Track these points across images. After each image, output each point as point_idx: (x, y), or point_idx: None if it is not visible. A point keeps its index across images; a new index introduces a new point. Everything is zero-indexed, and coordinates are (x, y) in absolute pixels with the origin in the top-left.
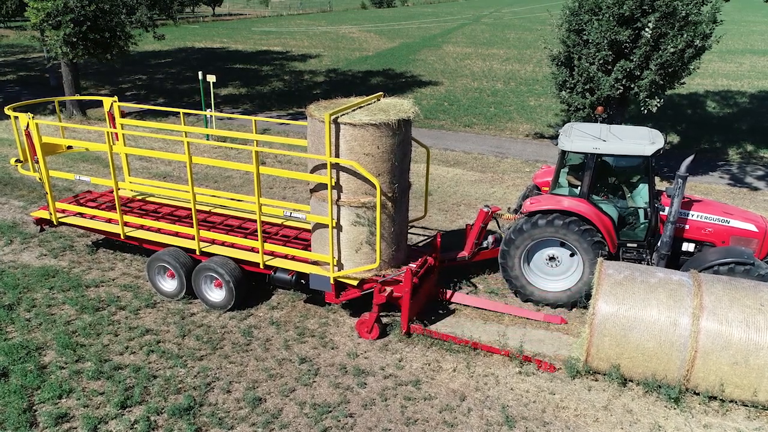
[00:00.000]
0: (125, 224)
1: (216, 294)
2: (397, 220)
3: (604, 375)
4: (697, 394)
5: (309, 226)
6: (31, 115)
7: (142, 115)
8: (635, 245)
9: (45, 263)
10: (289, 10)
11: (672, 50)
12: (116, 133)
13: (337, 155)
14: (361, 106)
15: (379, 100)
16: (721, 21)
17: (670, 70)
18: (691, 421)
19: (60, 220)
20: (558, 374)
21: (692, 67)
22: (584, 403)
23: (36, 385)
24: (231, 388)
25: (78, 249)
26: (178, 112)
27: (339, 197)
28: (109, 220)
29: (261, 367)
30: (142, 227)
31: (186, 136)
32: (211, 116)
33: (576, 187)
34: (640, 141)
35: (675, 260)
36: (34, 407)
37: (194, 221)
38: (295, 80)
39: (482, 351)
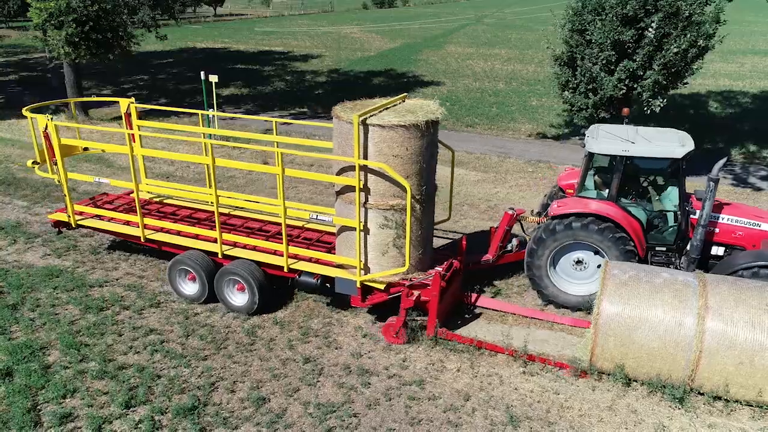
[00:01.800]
0: (145, 227)
1: (239, 298)
2: (424, 222)
3: (609, 375)
4: (702, 394)
5: (330, 229)
6: (50, 116)
7: (144, 114)
8: (664, 249)
9: (49, 263)
10: (291, 11)
11: (675, 50)
12: (133, 135)
13: (365, 157)
14: (388, 107)
15: (404, 101)
16: (724, 21)
17: (673, 70)
18: (696, 421)
19: (78, 222)
20: (562, 374)
21: (695, 67)
22: (588, 403)
23: (40, 384)
24: (235, 388)
25: (82, 249)
26: (191, 113)
27: (366, 199)
28: (128, 223)
29: (265, 367)
30: (161, 230)
31: (204, 137)
32: (213, 116)
33: (603, 189)
34: (670, 143)
35: (704, 264)
36: (38, 407)
37: (217, 224)
38: (296, 80)
39: (486, 350)
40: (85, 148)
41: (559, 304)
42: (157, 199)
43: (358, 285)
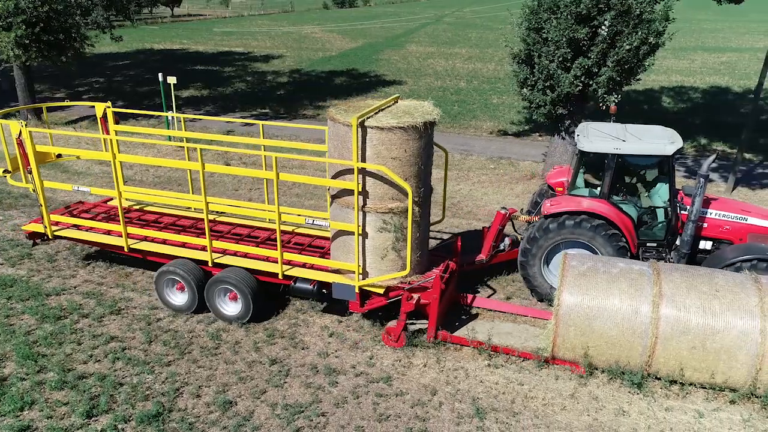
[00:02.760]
0: (128, 236)
1: (231, 307)
2: (422, 225)
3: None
4: (659, 378)
5: (321, 233)
6: (24, 122)
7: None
8: (655, 244)
9: (2, 272)
10: (250, 11)
11: (628, 47)
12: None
13: (363, 160)
14: (383, 109)
15: (396, 102)
16: (673, 19)
17: (626, 66)
18: (654, 405)
19: (56, 233)
20: (526, 365)
21: (647, 64)
22: (552, 392)
23: None
24: (201, 393)
25: (37, 257)
26: (152, 116)
27: (365, 203)
28: (109, 232)
29: (231, 370)
30: (146, 239)
31: (169, 140)
32: (173, 118)
33: (593, 186)
34: (660, 140)
35: (692, 258)
36: None
37: (207, 231)
38: (257, 81)
39: (452, 345)
40: (59, 155)
41: (552, 301)
42: (137, 207)
43: (357, 290)
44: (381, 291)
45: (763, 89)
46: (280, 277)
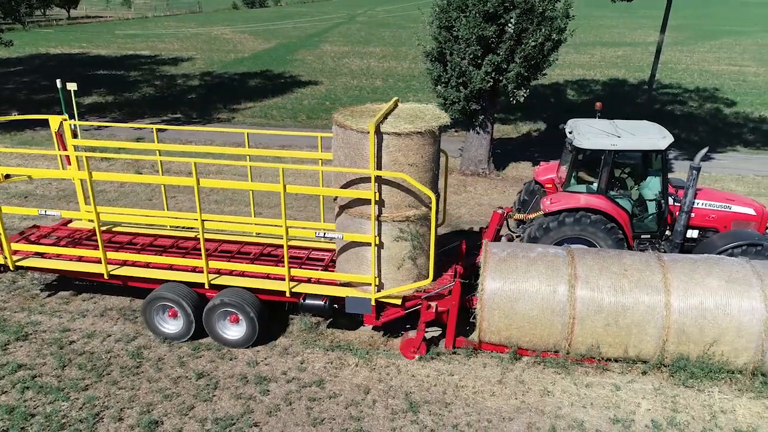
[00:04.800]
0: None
1: (233, 331)
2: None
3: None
4: (580, 361)
5: (318, 245)
6: None
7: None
8: (648, 236)
9: None
10: (155, 12)
11: (533, 44)
12: (68, 157)
13: (378, 167)
14: (389, 114)
15: (396, 105)
16: (573, 16)
17: (532, 62)
18: (576, 382)
19: (17, 263)
20: (455, 356)
21: (552, 59)
22: (481, 379)
23: None
24: (123, 415)
25: None
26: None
27: (380, 212)
28: (81, 258)
29: (155, 389)
30: (125, 263)
31: (159, 155)
32: (75, 126)
33: (588, 182)
34: (652, 135)
35: (681, 247)
36: None
37: (203, 251)
38: (167, 85)
39: (382, 343)
40: (7, 176)
41: None
42: (105, 228)
43: (373, 303)
44: (398, 302)
45: (655, 81)
46: (287, 295)
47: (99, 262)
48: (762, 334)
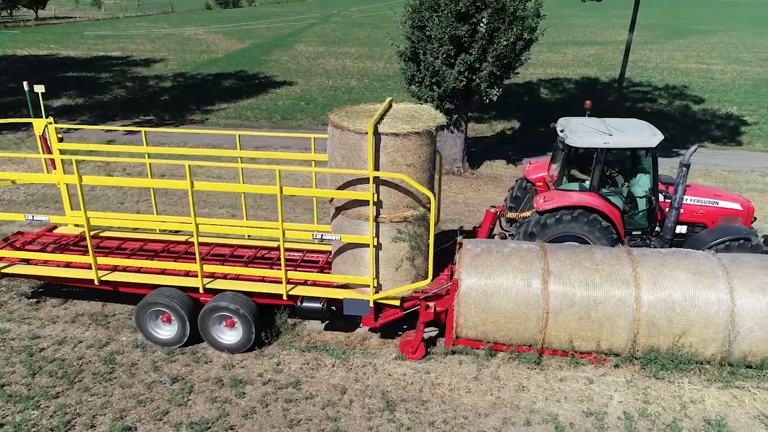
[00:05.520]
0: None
1: (229, 335)
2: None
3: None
4: (554, 354)
5: (312, 246)
6: None
7: None
8: (639, 232)
9: None
10: (126, 12)
11: (505, 43)
12: (53, 160)
13: (377, 168)
14: (384, 114)
15: (390, 105)
16: (544, 15)
17: (505, 61)
18: (550, 377)
19: (2, 270)
20: (432, 354)
21: (523, 58)
22: (457, 377)
23: None
24: (95, 422)
25: None
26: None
27: (378, 213)
28: (69, 264)
29: (128, 394)
30: (116, 268)
31: (147, 158)
32: (46, 128)
33: (580, 180)
34: (643, 133)
35: (670, 243)
36: None
37: (197, 254)
38: (139, 87)
39: (358, 342)
40: None
41: None
42: (93, 233)
43: (371, 304)
44: (396, 303)
45: (626, 79)
46: (284, 297)
47: (88, 267)
48: (728, 324)
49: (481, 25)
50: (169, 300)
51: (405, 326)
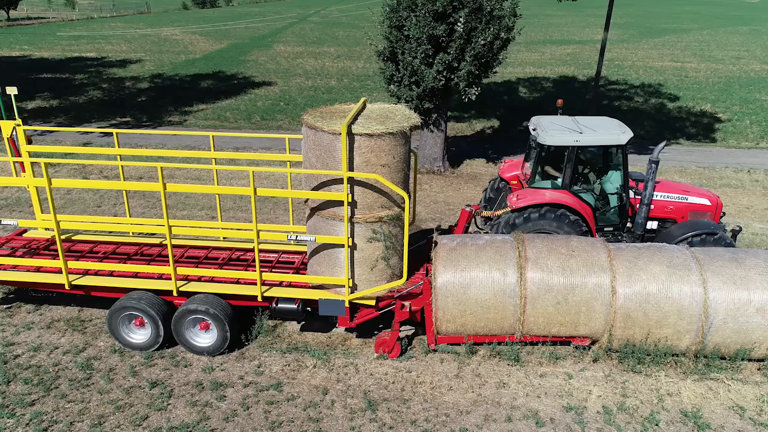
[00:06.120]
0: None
1: (204, 338)
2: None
3: (452, 346)
4: (534, 344)
5: (287, 248)
6: None
7: None
8: (611, 228)
9: None
10: (101, 13)
11: (482, 42)
12: (22, 163)
13: (351, 169)
14: (359, 114)
15: (365, 105)
16: (521, 15)
17: (483, 60)
18: (530, 374)
19: None
20: (413, 352)
21: (501, 58)
22: (438, 375)
23: None
24: (73, 429)
25: None
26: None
27: (353, 213)
28: (39, 269)
29: (106, 400)
30: (87, 272)
31: (120, 159)
32: (15, 131)
33: (552, 178)
34: (613, 131)
35: (641, 239)
36: None
37: (170, 257)
38: (115, 88)
39: (339, 342)
40: None
41: None
42: (64, 237)
43: (347, 304)
44: (372, 303)
45: (602, 77)
46: (259, 299)
47: (59, 272)
48: (702, 316)
49: (459, 24)
50: (141, 303)
51: (381, 326)
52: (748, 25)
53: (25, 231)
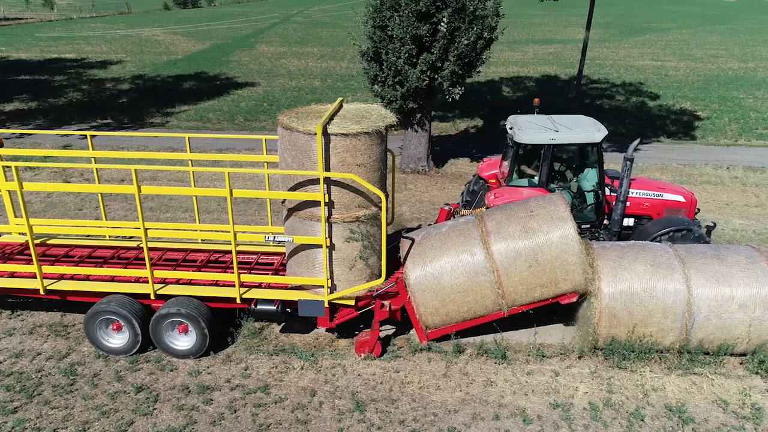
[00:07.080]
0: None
1: (183, 341)
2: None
3: (440, 342)
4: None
5: (265, 249)
6: None
7: None
8: (588, 226)
9: None
10: (80, 13)
11: (466, 42)
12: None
13: (327, 169)
14: (335, 114)
15: (341, 105)
16: (504, 14)
17: (466, 60)
18: (517, 371)
19: None
20: (401, 352)
21: (485, 57)
22: (426, 374)
23: None
24: None
25: None
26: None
27: (330, 213)
28: (12, 274)
29: (90, 406)
30: (63, 277)
31: (94, 162)
32: None
33: (530, 176)
34: (588, 129)
35: (617, 235)
36: None
37: (147, 261)
38: (95, 89)
39: (327, 344)
40: None
41: None
42: (39, 241)
43: (326, 305)
44: (351, 302)
45: (584, 76)
46: (238, 301)
47: (33, 277)
48: (685, 313)
49: (442, 24)
50: (118, 307)
51: (362, 326)
52: (725, 25)
53: None
